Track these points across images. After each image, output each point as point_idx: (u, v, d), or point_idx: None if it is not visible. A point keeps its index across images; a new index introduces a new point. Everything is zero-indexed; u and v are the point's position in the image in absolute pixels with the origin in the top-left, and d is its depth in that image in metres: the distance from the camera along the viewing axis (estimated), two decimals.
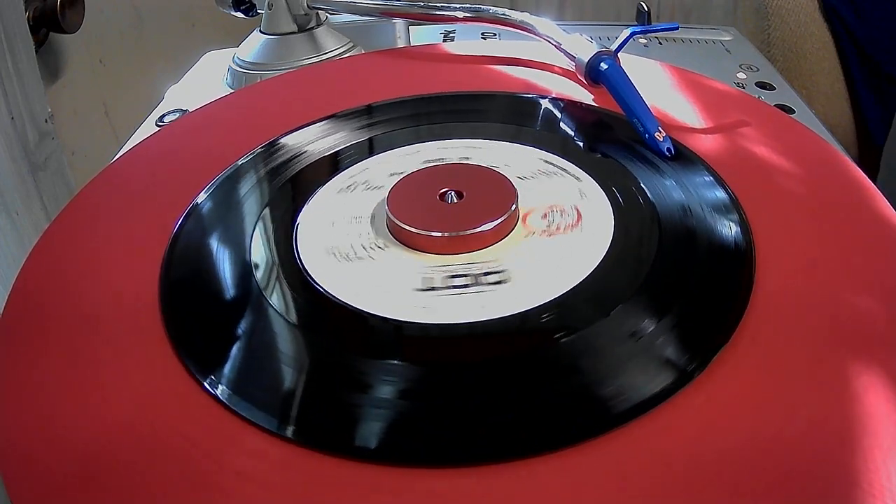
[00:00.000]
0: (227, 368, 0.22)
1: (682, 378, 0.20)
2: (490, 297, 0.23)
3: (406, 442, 0.19)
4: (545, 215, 0.27)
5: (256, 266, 0.26)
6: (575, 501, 0.18)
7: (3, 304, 0.25)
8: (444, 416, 0.20)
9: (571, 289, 0.23)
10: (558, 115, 0.33)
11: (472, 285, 0.24)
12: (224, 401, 0.21)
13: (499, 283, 0.24)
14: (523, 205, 0.27)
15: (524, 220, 0.27)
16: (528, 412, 0.20)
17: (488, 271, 0.24)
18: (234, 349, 0.23)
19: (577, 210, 0.27)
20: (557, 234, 0.26)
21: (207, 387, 0.21)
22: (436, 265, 0.25)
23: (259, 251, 0.26)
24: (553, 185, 0.28)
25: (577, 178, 0.29)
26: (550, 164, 0.30)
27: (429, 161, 0.30)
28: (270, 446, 0.20)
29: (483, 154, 0.31)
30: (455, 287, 0.24)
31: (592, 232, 0.26)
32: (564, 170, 0.29)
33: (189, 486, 0.19)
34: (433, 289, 0.24)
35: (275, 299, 0.24)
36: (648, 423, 0.19)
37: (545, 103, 0.34)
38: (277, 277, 0.25)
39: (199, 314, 0.24)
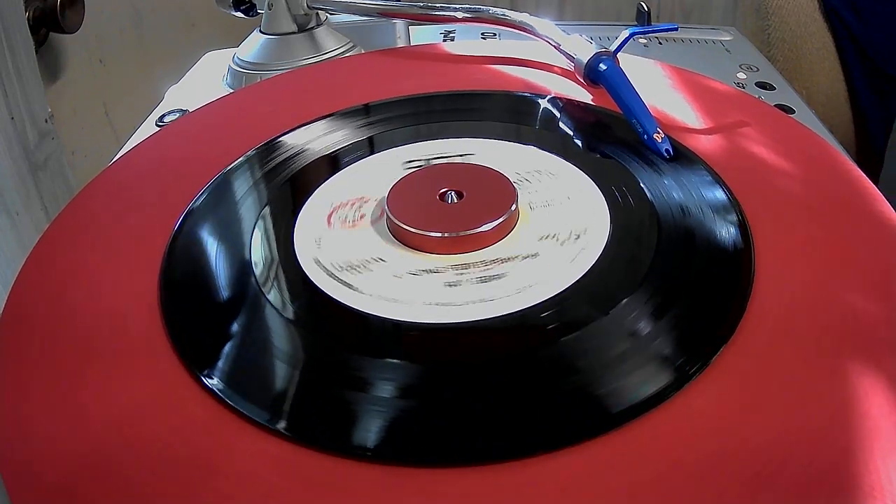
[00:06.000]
0: (227, 368, 0.22)
1: (682, 378, 0.20)
2: (489, 296, 0.23)
3: (404, 441, 0.19)
4: (544, 215, 0.27)
5: (256, 265, 0.26)
6: (575, 501, 0.18)
7: (3, 305, 0.25)
8: (441, 416, 0.20)
9: (570, 289, 0.23)
10: (558, 114, 0.33)
11: (471, 285, 0.24)
12: (224, 399, 0.21)
13: (498, 282, 0.24)
14: (522, 204, 0.27)
15: (524, 219, 0.27)
16: (528, 412, 0.20)
17: (488, 271, 0.24)
18: (234, 348, 0.23)
19: (577, 210, 0.27)
20: (556, 233, 0.26)
21: (208, 385, 0.21)
22: (435, 265, 0.25)
23: (258, 250, 0.26)
24: (552, 184, 0.28)
25: (575, 178, 0.29)
26: (549, 163, 0.30)
27: (427, 160, 0.30)
28: (269, 445, 0.20)
29: (481, 153, 0.31)
30: (454, 287, 0.24)
31: (591, 231, 0.26)
32: (563, 169, 0.29)
33: (188, 486, 0.19)
34: (432, 288, 0.24)
35: (273, 298, 0.24)
36: (648, 423, 0.19)
37: (544, 103, 0.34)
38: (276, 277, 0.25)
39: (198, 314, 0.24)
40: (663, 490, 0.18)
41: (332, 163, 0.31)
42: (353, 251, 0.26)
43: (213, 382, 0.21)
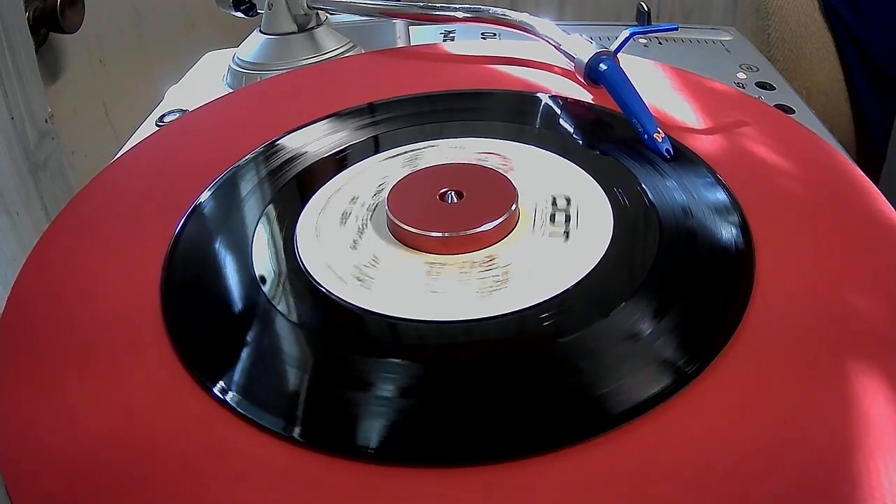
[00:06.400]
0: (227, 368, 0.22)
1: (682, 379, 0.20)
2: (490, 296, 0.23)
3: (403, 441, 0.19)
4: (545, 215, 0.27)
5: (258, 267, 0.25)
6: (575, 501, 0.18)
7: (3, 305, 0.25)
8: (441, 416, 0.20)
9: (571, 289, 0.23)
10: (559, 113, 0.33)
11: (471, 285, 0.24)
12: (224, 399, 0.21)
13: (499, 283, 0.24)
14: (523, 204, 0.27)
15: (524, 219, 0.27)
16: (528, 412, 0.20)
17: (488, 271, 0.24)
18: (234, 349, 0.23)
19: (578, 210, 0.27)
20: (557, 234, 0.26)
21: (208, 386, 0.21)
22: (436, 265, 0.25)
23: (261, 253, 0.26)
24: (553, 184, 0.28)
25: (576, 178, 0.29)
26: (550, 163, 0.30)
27: (428, 160, 0.30)
28: (270, 445, 0.20)
29: (480, 152, 0.31)
30: (455, 287, 0.24)
31: (592, 232, 0.26)
32: (564, 169, 0.29)
33: (188, 486, 0.19)
34: (432, 289, 0.24)
35: (277, 300, 0.24)
36: (648, 423, 0.19)
37: (546, 101, 0.34)
38: (279, 278, 0.25)
39: (200, 316, 0.24)
40: (663, 490, 0.18)
41: (333, 163, 0.31)
42: (353, 250, 0.26)
43: (214, 383, 0.21)
